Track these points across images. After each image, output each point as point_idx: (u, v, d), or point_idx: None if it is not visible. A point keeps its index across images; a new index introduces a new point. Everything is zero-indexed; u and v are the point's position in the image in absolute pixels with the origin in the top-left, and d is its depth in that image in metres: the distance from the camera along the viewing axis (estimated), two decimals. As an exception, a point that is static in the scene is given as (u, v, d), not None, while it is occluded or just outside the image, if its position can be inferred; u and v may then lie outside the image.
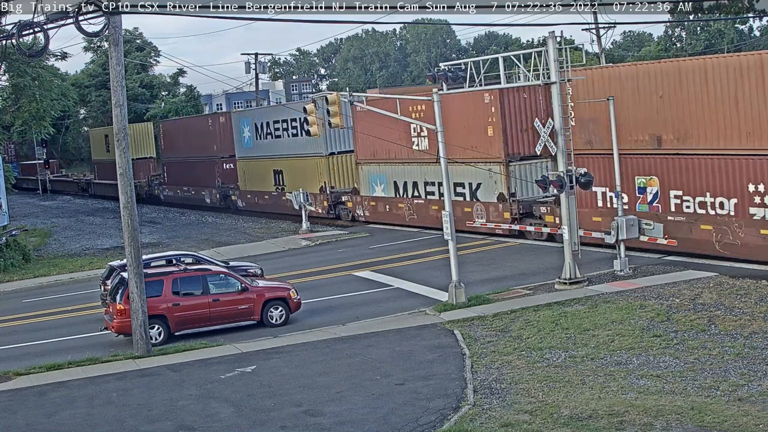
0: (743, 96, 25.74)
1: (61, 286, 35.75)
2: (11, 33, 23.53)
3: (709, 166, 26.93)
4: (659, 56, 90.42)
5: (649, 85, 28.11)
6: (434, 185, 37.89)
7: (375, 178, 42.21)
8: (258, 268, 29.88)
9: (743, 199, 26.21)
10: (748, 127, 25.84)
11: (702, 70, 26.91)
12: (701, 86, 26.55)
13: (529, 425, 15.13)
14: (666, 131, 26.86)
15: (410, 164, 39.41)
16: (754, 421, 14.56)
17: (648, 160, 28.81)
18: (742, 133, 26.07)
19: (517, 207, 34.28)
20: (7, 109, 49.23)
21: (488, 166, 34.35)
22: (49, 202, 77.46)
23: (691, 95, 27.00)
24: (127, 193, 22.81)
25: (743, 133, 26.02)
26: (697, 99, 26.82)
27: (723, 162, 26.40)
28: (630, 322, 21.20)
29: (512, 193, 34.59)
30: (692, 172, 27.37)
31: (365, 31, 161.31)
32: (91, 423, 17.40)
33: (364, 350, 21.09)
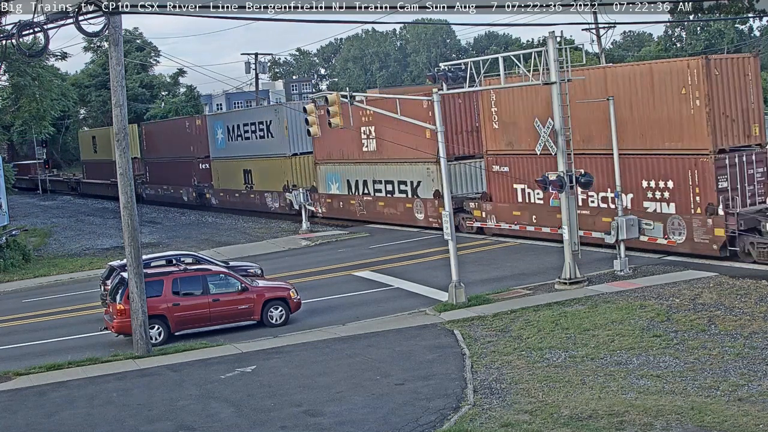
0: (636, 101, 28.77)
1: (61, 286, 35.75)
2: (11, 33, 23.53)
3: (609, 165, 28.89)
4: (659, 56, 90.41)
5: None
6: (381, 183, 41.54)
7: (331, 176, 45.42)
8: (258, 268, 29.87)
9: (638, 194, 29.36)
10: (641, 129, 28.93)
11: (602, 78, 29.86)
12: (602, 93, 29.09)
13: (529, 425, 15.13)
14: (574, 133, 28.58)
15: (361, 164, 42.73)
16: (754, 421, 14.56)
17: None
18: (636, 135, 29.10)
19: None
20: (7, 109, 49.25)
21: (426, 166, 37.67)
22: (49, 202, 77.44)
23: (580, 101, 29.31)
24: (127, 193, 22.81)
25: (637, 135, 29.09)
26: (598, 104, 29.06)
27: (621, 161, 28.23)
28: (630, 322, 21.20)
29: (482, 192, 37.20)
30: (595, 171, 29.19)
31: (365, 31, 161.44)
32: (91, 423, 17.40)
33: (364, 350, 21.09)
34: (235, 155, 53.10)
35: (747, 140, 27.94)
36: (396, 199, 40.55)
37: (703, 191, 27.62)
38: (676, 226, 28.30)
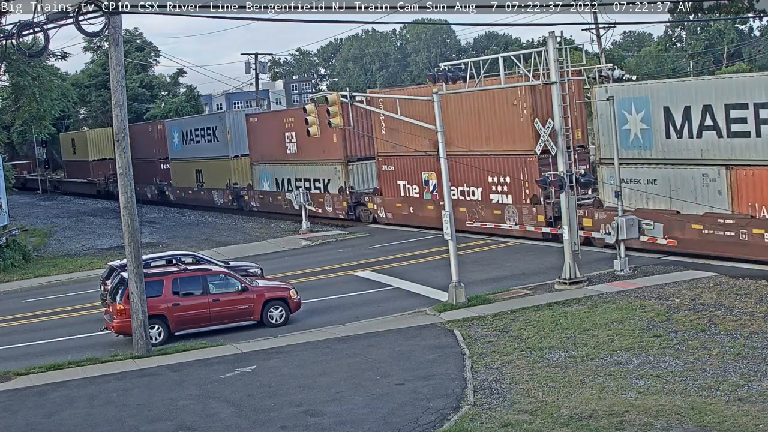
0: (482, 112, 34.50)
1: (61, 286, 35.75)
2: (11, 33, 23.53)
3: (465, 164, 35.71)
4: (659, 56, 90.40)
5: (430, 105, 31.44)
6: (301, 181, 48.05)
7: (263, 175, 51.61)
8: (258, 268, 29.87)
9: (485, 188, 35.71)
10: (485, 134, 35.05)
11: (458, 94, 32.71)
12: (458, 105, 34.52)
13: (529, 425, 15.13)
14: (487, 139, 35.23)
15: (285, 165, 49.15)
16: (754, 421, 14.56)
17: (429, 160, 36.93)
18: (482, 139, 35.27)
19: (351, 197, 43.96)
20: (7, 109, 49.25)
21: (334, 166, 44.69)
22: (49, 202, 77.44)
23: (453, 111, 35.12)
24: (127, 193, 22.81)
25: (483, 139, 35.26)
26: (456, 114, 35.43)
27: (472, 160, 35.40)
28: (630, 322, 21.21)
29: (351, 186, 44.19)
30: (456, 169, 34.87)
31: (365, 31, 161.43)
32: (91, 423, 17.41)
33: (364, 350, 21.09)
34: (189, 157, 59.13)
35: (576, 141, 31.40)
36: (312, 195, 45.97)
37: (531, 185, 33.17)
38: (511, 213, 34.63)
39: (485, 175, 35.21)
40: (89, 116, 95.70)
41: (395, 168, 40.79)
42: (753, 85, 25.90)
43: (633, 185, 29.62)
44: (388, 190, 41.64)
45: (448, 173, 26.12)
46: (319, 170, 46.14)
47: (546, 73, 25.94)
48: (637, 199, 29.75)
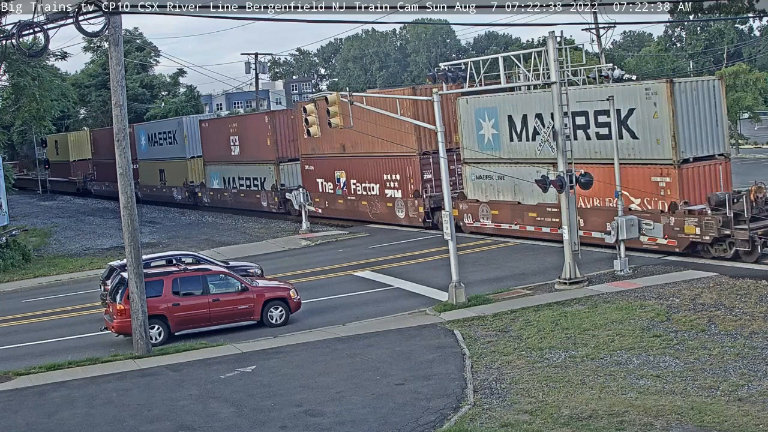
0: (378, 118, 36.19)
1: (61, 286, 35.75)
2: (11, 33, 23.53)
3: (367, 164, 42.29)
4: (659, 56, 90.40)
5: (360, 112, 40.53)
6: (243, 179, 54.10)
7: (213, 174, 57.67)
8: (258, 268, 29.87)
9: (382, 184, 41.74)
10: (381, 138, 39.47)
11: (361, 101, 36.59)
12: (362, 113, 35.28)
13: (529, 425, 15.13)
14: (347, 142, 42.78)
15: (230, 165, 55.07)
16: (754, 421, 14.56)
17: (340, 161, 44.48)
18: (379, 143, 40.04)
19: (281, 193, 49.30)
20: (7, 109, 49.25)
21: (268, 166, 50.87)
22: (49, 202, 77.49)
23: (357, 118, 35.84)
24: (127, 193, 22.82)
25: (379, 142, 40.02)
26: (360, 120, 36.40)
27: (373, 161, 41.92)
28: (630, 322, 21.21)
29: (282, 184, 50.06)
30: (359, 168, 42.87)
31: (365, 31, 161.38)
32: (91, 423, 17.41)
33: (364, 350, 21.09)
34: (153, 158, 64.85)
35: (449, 145, 34.94)
36: (252, 192, 52.90)
37: (414, 181, 39.78)
38: (400, 206, 40.60)
39: (381, 174, 41.70)
40: (89, 116, 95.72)
41: (314, 168, 47.06)
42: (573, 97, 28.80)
43: (487, 180, 35.87)
44: (309, 187, 46.82)
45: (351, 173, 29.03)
46: (256, 170, 52.33)
47: (546, 72, 25.96)
48: (491, 192, 35.89)
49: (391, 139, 38.36)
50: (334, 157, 44.82)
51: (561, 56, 25.86)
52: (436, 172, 37.10)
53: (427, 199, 39.09)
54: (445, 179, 26.02)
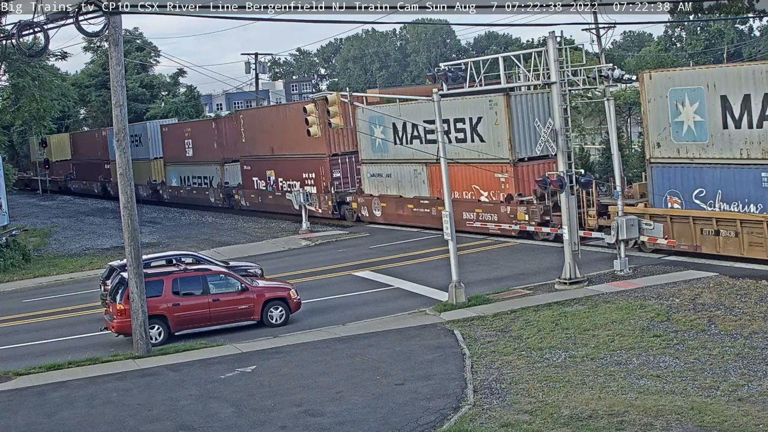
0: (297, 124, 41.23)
1: (61, 286, 35.75)
2: (11, 33, 23.54)
3: (290, 164, 48.74)
4: (659, 56, 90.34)
5: (269, 120, 51.40)
6: (198, 178, 60.49)
7: (172, 174, 63.77)
8: (258, 268, 29.87)
9: (302, 182, 47.34)
10: (300, 142, 44.41)
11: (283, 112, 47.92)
12: (284, 121, 46.13)
13: (529, 425, 15.13)
14: (275, 144, 49.82)
15: (186, 165, 61.57)
16: (754, 421, 14.56)
17: (270, 161, 50.85)
18: (302, 145, 45.33)
19: (225, 190, 56.21)
20: (7, 109, 49.21)
21: (215, 166, 57.64)
22: (49, 202, 77.55)
23: (282, 124, 47.28)
24: (127, 193, 22.82)
25: (302, 145, 45.52)
26: (284, 127, 47.44)
27: (294, 162, 48.20)
28: (630, 322, 21.21)
29: (226, 182, 56.45)
30: (285, 168, 49.18)
31: (365, 31, 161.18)
32: (91, 423, 17.41)
33: (364, 350, 21.09)
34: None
35: (353, 148, 44.42)
36: (202, 189, 59.63)
37: (325, 179, 45.74)
38: (314, 200, 45.89)
39: (301, 173, 47.81)
40: (89, 116, 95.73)
41: (251, 168, 52.93)
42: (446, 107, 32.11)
43: (379, 177, 42.44)
44: (247, 185, 53.53)
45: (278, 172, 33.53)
46: (205, 170, 58.99)
47: (546, 73, 25.96)
48: (382, 188, 42.37)
49: (308, 142, 42.62)
50: (265, 158, 51.36)
51: (561, 56, 25.86)
52: (344, 171, 45.45)
53: (335, 194, 45.32)
54: (445, 179, 26.02)
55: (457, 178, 36.29)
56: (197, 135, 59.75)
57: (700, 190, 28.60)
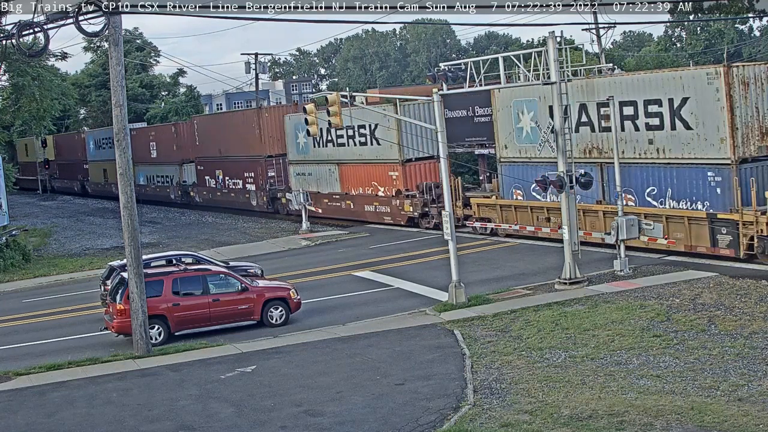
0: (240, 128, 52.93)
1: (61, 286, 35.75)
2: (11, 33, 23.53)
3: (236, 164, 54.55)
4: (659, 56, 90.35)
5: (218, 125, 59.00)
6: (161, 177, 66.66)
7: (140, 173, 68.25)
8: (258, 268, 29.87)
9: (244, 180, 53.87)
10: (243, 144, 52.82)
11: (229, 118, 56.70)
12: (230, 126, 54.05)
13: (529, 425, 15.13)
14: (222, 147, 55.96)
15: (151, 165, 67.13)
16: (754, 421, 14.56)
17: (219, 162, 56.87)
18: (245, 147, 52.77)
19: (182, 188, 62.41)
20: (7, 109, 49.24)
21: (175, 167, 63.19)
22: (49, 202, 77.63)
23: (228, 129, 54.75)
24: (127, 193, 22.81)
25: (244, 147, 52.83)
26: (230, 131, 55.04)
27: (237, 162, 54.32)
28: (630, 322, 21.20)
29: (184, 180, 62.56)
30: (230, 167, 55.35)
31: (365, 31, 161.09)
32: (91, 423, 17.41)
33: (364, 350, 21.09)
34: (99, 159, 75.73)
35: (284, 150, 49.94)
36: (164, 187, 65.67)
37: (262, 178, 51.91)
38: (254, 196, 52.43)
39: (243, 172, 53.64)
40: (89, 116, 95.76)
41: (204, 168, 59.06)
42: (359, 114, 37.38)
43: (303, 176, 48.40)
44: (201, 183, 59.85)
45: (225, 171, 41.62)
46: (167, 169, 64.79)
47: (546, 73, 25.95)
48: (305, 185, 47.45)
49: (248, 145, 51.68)
50: (215, 159, 57.35)
51: (561, 56, 25.85)
52: (277, 171, 51.15)
53: (269, 191, 51.17)
54: (445, 180, 26.02)
55: (360, 175, 43.52)
56: (160, 138, 65.43)
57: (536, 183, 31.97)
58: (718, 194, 27.48)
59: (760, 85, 27.22)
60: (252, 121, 51.95)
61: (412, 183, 40.61)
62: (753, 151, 27.27)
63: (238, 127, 53.61)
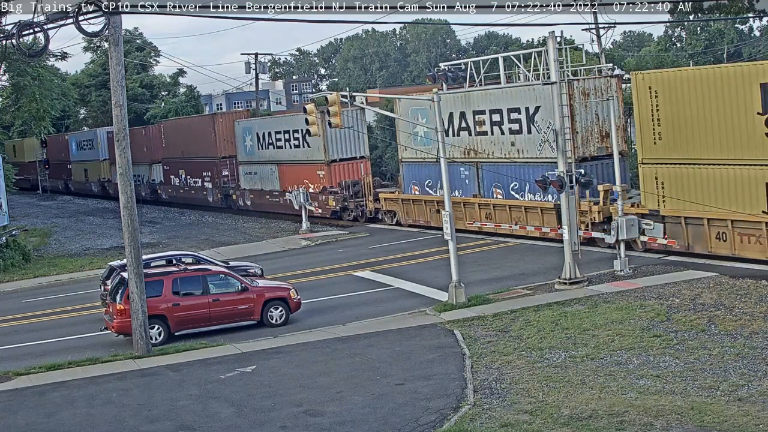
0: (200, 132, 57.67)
1: (61, 286, 35.75)
2: (11, 33, 23.53)
3: (195, 164, 59.27)
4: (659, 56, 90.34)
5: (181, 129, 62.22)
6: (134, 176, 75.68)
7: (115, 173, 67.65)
8: (258, 268, 29.87)
9: (202, 180, 58.73)
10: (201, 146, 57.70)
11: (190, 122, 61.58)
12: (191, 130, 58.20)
13: (529, 425, 15.13)
14: (185, 148, 60.01)
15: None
16: (754, 421, 14.56)
17: (182, 162, 61.34)
18: (203, 149, 57.64)
19: (150, 186, 66.28)
20: (7, 109, 49.24)
21: (144, 166, 67.19)
22: (49, 202, 77.65)
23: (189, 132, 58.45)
24: (127, 193, 22.82)
25: (202, 149, 57.67)
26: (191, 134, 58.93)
27: (197, 163, 58.99)
28: (630, 322, 21.20)
29: (153, 179, 66.74)
30: (191, 167, 60.01)
31: (365, 31, 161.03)
32: (91, 423, 17.41)
33: (364, 350, 21.09)
34: (80, 159, 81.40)
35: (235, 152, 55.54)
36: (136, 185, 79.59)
37: (217, 177, 56.79)
38: (210, 193, 57.75)
39: (201, 171, 58.89)
40: (89, 116, 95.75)
41: (170, 167, 63.45)
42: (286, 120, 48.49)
43: (250, 175, 53.41)
44: (167, 181, 64.41)
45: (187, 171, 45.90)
46: (138, 169, 66.19)
47: (546, 72, 25.97)
48: (252, 183, 53.18)
49: (206, 147, 57.23)
50: (178, 160, 61.77)
51: (561, 56, 25.88)
52: (231, 170, 56.03)
53: (222, 188, 56.46)
54: (445, 180, 26.00)
55: (295, 174, 48.63)
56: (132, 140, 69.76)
57: (430, 180, 39.54)
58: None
59: (600, 95, 31.78)
60: (209, 126, 57.52)
61: (336, 181, 45.60)
62: (593, 151, 32.40)
63: (197, 131, 58.93)
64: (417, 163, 40.03)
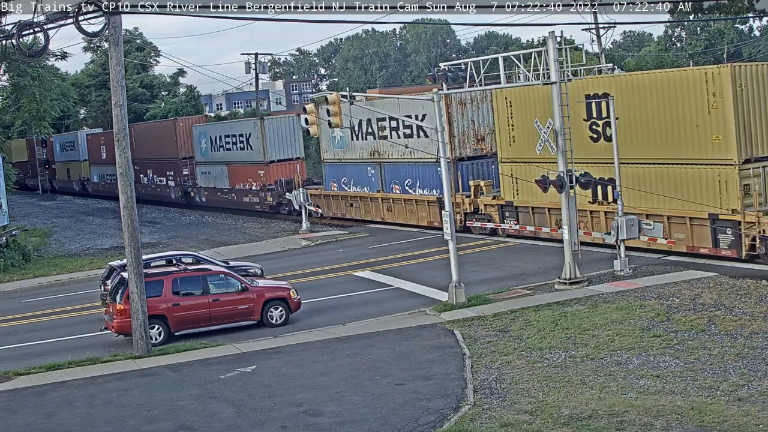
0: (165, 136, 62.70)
1: (61, 286, 35.75)
2: (11, 33, 23.53)
3: (160, 164, 64.19)
4: (659, 56, 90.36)
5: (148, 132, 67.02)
6: (110, 175, 70.89)
7: (94, 172, 77.50)
8: (258, 268, 29.86)
9: (166, 178, 64.22)
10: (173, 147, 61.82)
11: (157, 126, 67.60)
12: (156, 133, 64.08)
13: (529, 425, 15.13)
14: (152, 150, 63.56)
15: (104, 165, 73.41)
16: (754, 421, 14.56)
17: (149, 162, 64.96)
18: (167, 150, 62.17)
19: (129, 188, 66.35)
20: (7, 109, 49.23)
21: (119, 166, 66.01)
22: (49, 202, 77.64)
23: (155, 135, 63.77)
24: (127, 193, 22.82)
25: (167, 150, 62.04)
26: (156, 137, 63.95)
27: (161, 163, 64.13)
28: (630, 322, 21.21)
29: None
30: (157, 167, 64.59)
31: (365, 31, 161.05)
32: (91, 423, 17.41)
33: (364, 350, 21.09)
34: (63, 160, 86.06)
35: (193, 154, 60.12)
36: (113, 183, 67.90)
37: (179, 175, 61.83)
38: (173, 191, 62.68)
39: (165, 171, 63.83)
40: (89, 116, 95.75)
41: (139, 167, 65.36)
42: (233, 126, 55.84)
43: (205, 174, 58.19)
44: (137, 180, 62.97)
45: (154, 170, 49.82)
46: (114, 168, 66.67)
47: (546, 72, 25.95)
48: (207, 182, 57.94)
49: (169, 149, 62.03)
50: (147, 160, 65.34)
51: (561, 56, 25.84)
52: (191, 170, 60.79)
53: (183, 186, 61.35)
54: (446, 180, 26.01)
55: (241, 173, 53.87)
56: (107, 142, 70.69)
57: (345, 178, 45.50)
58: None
59: (476, 104, 37.77)
60: (171, 130, 62.79)
61: (273, 179, 50.87)
62: (469, 152, 37.92)
63: (162, 134, 64.21)
64: (335, 163, 46.13)
